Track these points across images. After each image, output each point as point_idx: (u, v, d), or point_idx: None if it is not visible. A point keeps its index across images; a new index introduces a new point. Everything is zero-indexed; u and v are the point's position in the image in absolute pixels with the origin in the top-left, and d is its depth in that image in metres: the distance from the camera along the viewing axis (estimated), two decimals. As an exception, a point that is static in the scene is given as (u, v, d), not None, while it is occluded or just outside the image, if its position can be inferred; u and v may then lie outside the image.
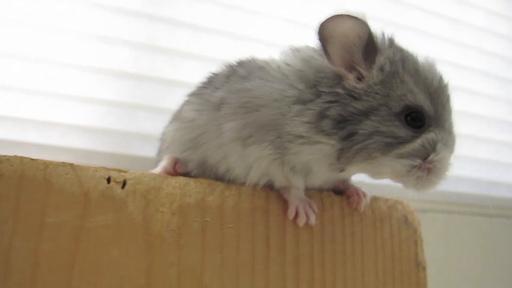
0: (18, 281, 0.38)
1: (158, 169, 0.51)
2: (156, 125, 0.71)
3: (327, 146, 0.45)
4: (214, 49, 0.90)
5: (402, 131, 0.45)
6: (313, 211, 0.49)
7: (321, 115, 0.45)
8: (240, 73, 0.50)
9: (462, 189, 1.12)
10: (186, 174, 0.50)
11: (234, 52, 0.58)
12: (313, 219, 0.49)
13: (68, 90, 0.80)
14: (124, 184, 0.44)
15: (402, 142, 0.45)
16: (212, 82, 0.53)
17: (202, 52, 0.90)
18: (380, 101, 0.45)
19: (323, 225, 0.51)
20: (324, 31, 0.45)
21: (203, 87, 0.54)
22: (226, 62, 0.55)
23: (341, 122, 0.45)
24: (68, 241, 0.40)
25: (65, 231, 0.40)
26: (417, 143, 0.45)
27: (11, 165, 0.41)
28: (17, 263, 0.38)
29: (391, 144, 0.45)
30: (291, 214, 0.48)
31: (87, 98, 0.81)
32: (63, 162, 0.43)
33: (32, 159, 0.42)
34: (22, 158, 0.41)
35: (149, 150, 0.77)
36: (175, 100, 0.61)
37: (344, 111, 0.45)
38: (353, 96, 0.45)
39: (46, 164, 0.42)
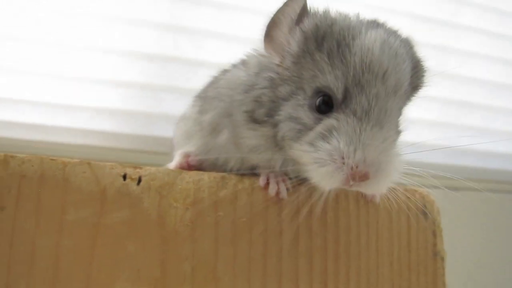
0: (42, 275, 0.41)
1: (173, 164, 0.52)
2: (181, 106, 0.72)
3: (263, 134, 0.44)
4: (238, 27, 0.89)
5: (308, 117, 0.41)
6: (286, 187, 0.46)
7: (257, 103, 0.44)
8: (228, 68, 0.52)
9: (497, 166, 1.08)
10: (200, 168, 0.51)
11: (258, 30, 0.57)
12: (284, 193, 0.46)
13: (95, 74, 0.82)
14: (139, 180, 0.45)
15: (308, 128, 0.41)
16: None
17: (226, 30, 0.89)
18: (298, 84, 0.42)
19: (338, 217, 0.51)
20: (271, 18, 0.44)
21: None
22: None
23: (272, 109, 0.43)
24: (87, 237, 0.42)
25: (84, 228, 0.42)
26: (315, 131, 0.40)
27: (32, 166, 0.43)
28: (40, 259, 0.41)
29: (300, 131, 0.41)
30: (262, 181, 0.46)
31: (112, 81, 0.83)
32: (80, 161, 0.44)
33: (51, 159, 0.44)
34: (42, 158, 0.43)
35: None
36: (199, 80, 0.61)
37: (274, 96, 0.43)
38: (282, 79, 0.43)
39: (64, 164, 0.44)
